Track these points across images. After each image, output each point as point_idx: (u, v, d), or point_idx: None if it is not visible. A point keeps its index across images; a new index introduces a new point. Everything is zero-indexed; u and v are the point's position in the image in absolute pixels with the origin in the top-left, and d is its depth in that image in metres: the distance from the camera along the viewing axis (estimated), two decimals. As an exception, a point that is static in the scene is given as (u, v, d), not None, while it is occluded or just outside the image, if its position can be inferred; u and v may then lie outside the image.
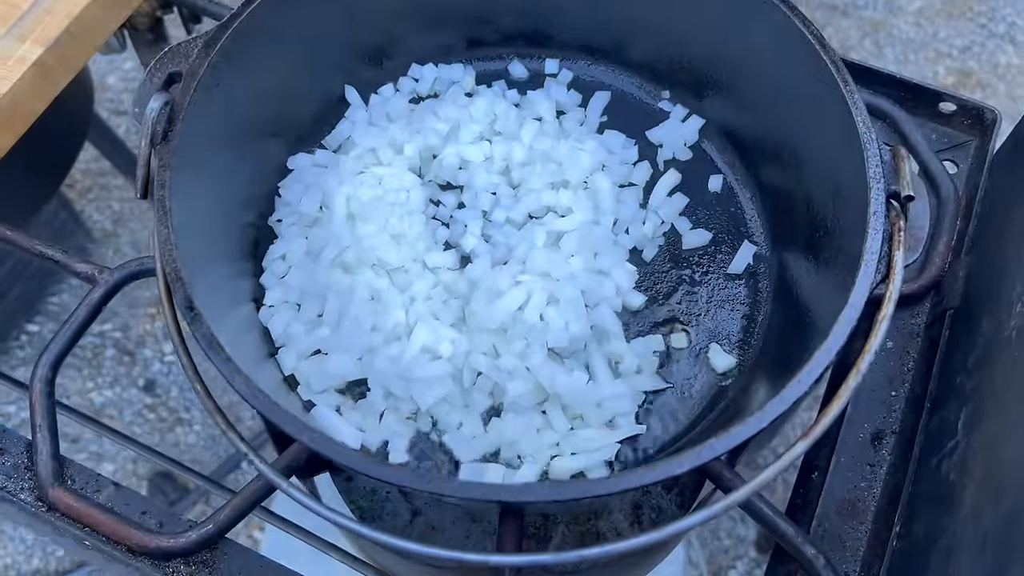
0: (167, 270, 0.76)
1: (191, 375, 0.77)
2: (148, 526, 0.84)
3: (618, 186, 1.02)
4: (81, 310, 0.92)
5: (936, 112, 1.08)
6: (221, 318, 0.83)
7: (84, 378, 2.34)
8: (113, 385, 2.34)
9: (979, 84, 2.85)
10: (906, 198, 0.79)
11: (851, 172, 0.81)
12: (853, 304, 0.73)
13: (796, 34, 0.87)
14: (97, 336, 2.39)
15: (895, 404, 0.92)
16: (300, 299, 0.92)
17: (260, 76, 0.92)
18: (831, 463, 0.88)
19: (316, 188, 0.97)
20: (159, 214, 0.77)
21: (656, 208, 1.02)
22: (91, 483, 0.87)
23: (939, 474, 0.78)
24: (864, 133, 0.81)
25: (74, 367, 2.35)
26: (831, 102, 0.84)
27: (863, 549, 0.85)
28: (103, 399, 2.33)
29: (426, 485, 0.66)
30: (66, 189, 2.49)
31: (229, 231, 0.92)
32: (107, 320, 2.38)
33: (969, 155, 1.06)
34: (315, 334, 0.90)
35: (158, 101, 0.80)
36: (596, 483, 0.67)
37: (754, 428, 0.69)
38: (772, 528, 0.80)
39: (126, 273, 0.93)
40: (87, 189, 2.56)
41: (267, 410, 0.69)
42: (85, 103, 1.36)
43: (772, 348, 0.92)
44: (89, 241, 2.46)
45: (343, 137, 1.04)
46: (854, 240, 0.79)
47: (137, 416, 2.28)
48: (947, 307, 0.93)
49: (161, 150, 0.80)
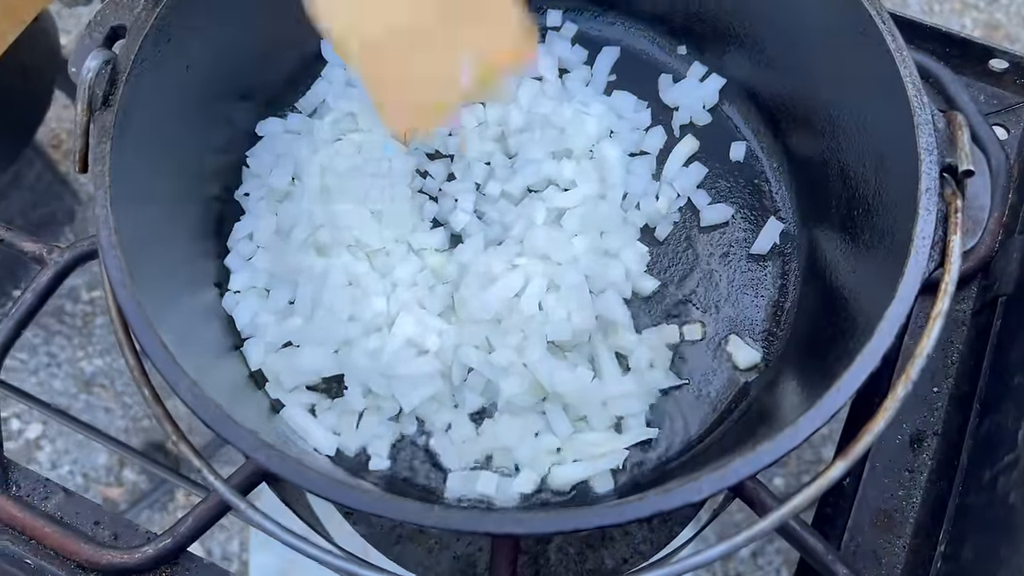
0: (106, 255, 0.67)
1: (137, 376, 0.69)
2: (101, 539, 0.79)
3: (628, 155, 0.95)
4: (28, 295, 0.86)
5: (985, 70, 0.99)
6: (175, 305, 0.76)
7: (74, 347, 2.27)
8: (104, 354, 2.27)
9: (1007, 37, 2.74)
10: (964, 173, 0.70)
11: (898, 141, 0.73)
12: (902, 298, 0.65)
13: (834, -22, 0.77)
14: (87, 303, 2.32)
15: (937, 402, 0.85)
16: (269, 284, 0.86)
17: (220, 30, 0.83)
18: (864, 468, 0.82)
19: (287, 158, 0.90)
20: (97, 192, 0.68)
21: (671, 180, 0.94)
22: (39, 490, 0.82)
23: (994, 491, 0.70)
24: (915, 96, 0.72)
25: (64, 335, 2.28)
26: (875, 59, 0.76)
27: (900, 567, 0.78)
28: (93, 368, 2.26)
29: (403, 514, 0.58)
30: (51, 150, 2.40)
31: (188, 207, 0.85)
32: (96, 287, 2.31)
33: (1022, 119, 0.98)
34: (286, 324, 0.84)
35: (96, 60, 0.70)
36: (598, 512, 0.59)
37: (786, 447, 0.60)
38: (799, 544, 0.74)
39: (78, 253, 0.87)
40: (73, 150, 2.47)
41: (217, 424, 0.60)
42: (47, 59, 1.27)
43: (802, 341, 0.84)
44: (76, 203, 2.38)
45: (319, 100, 0.96)
46: (901, 221, 0.71)
47: (129, 386, 2.22)
48: (999, 293, 0.85)
49: (100, 118, 0.70)
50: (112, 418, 2.11)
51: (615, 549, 0.92)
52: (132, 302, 0.65)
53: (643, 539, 0.93)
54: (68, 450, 2.08)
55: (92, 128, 0.71)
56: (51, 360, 2.19)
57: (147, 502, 1.93)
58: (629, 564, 0.91)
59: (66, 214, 2.29)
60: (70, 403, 2.19)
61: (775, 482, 1.84)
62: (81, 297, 2.21)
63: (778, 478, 1.84)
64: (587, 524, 0.58)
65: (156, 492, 1.93)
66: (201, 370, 0.68)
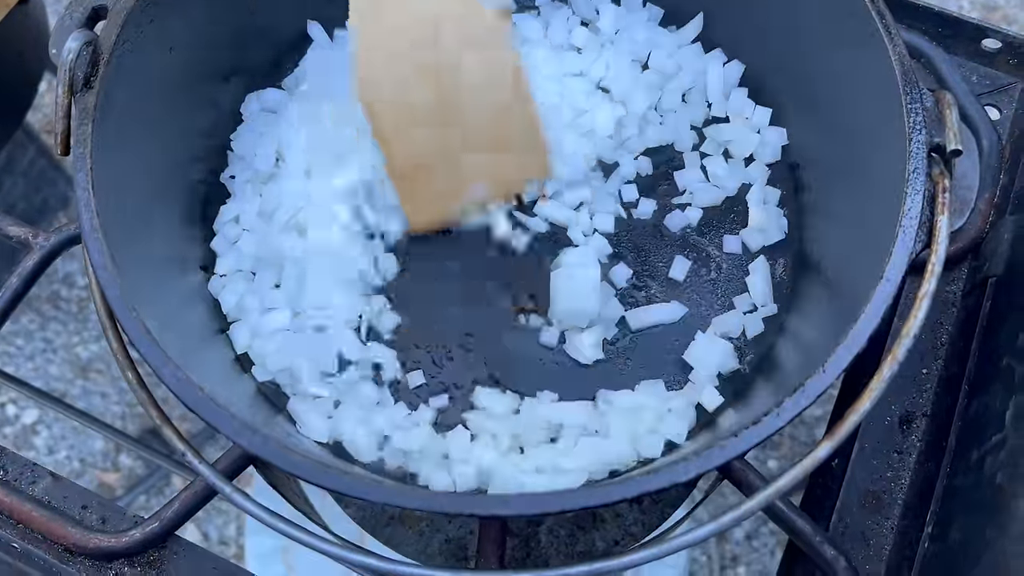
0: (88, 238, 0.66)
1: (121, 361, 0.68)
2: (88, 523, 0.78)
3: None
4: (13, 279, 0.85)
5: (978, 50, 0.98)
6: (160, 289, 0.75)
7: (70, 332, 2.27)
8: (100, 339, 2.27)
9: (1005, 19, 2.71)
10: (952, 153, 0.68)
11: (886, 120, 0.71)
12: (889, 279, 0.64)
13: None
14: (83, 289, 2.31)
15: (926, 383, 0.84)
16: (255, 267, 0.84)
17: (203, 10, 0.81)
18: (853, 449, 0.81)
19: (270, 137, 0.87)
20: (78, 174, 0.67)
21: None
22: (26, 474, 0.81)
23: (981, 472, 0.69)
24: (901, 75, 0.70)
25: (59, 320, 2.27)
26: (864, 38, 0.74)
27: (888, 548, 0.78)
28: (89, 353, 2.25)
29: (388, 497, 0.57)
30: (45, 136, 2.38)
31: (173, 189, 0.84)
32: (92, 272, 2.30)
33: (1014, 99, 0.97)
34: (271, 313, 0.82)
35: (76, 41, 0.69)
36: (584, 493, 0.58)
37: (770, 428, 0.59)
38: (787, 525, 0.74)
39: (64, 237, 0.86)
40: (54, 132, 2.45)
41: (200, 407, 0.59)
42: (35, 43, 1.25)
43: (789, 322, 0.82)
44: (71, 190, 2.37)
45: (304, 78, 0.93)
46: (889, 200, 0.69)
47: (125, 371, 2.21)
48: (988, 274, 0.84)
49: (81, 99, 0.69)
50: (108, 403, 2.11)
51: (606, 531, 0.92)
52: (114, 286, 0.64)
53: (634, 520, 0.92)
54: (65, 435, 2.07)
55: (73, 110, 0.70)
56: (47, 346, 2.18)
57: (143, 487, 1.92)
58: (620, 545, 0.90)
59: (59, 200, 2.28)
60: (67, 388, 2.19)
61: (769, 464, 1.84)
62: (77, 282, 2.20)
63: (772, 460, 1.84)
64: (573, 505, 0.57)
65: (152, 477, 1.93)
66: (186, 353, 0.67)
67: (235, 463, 0.71)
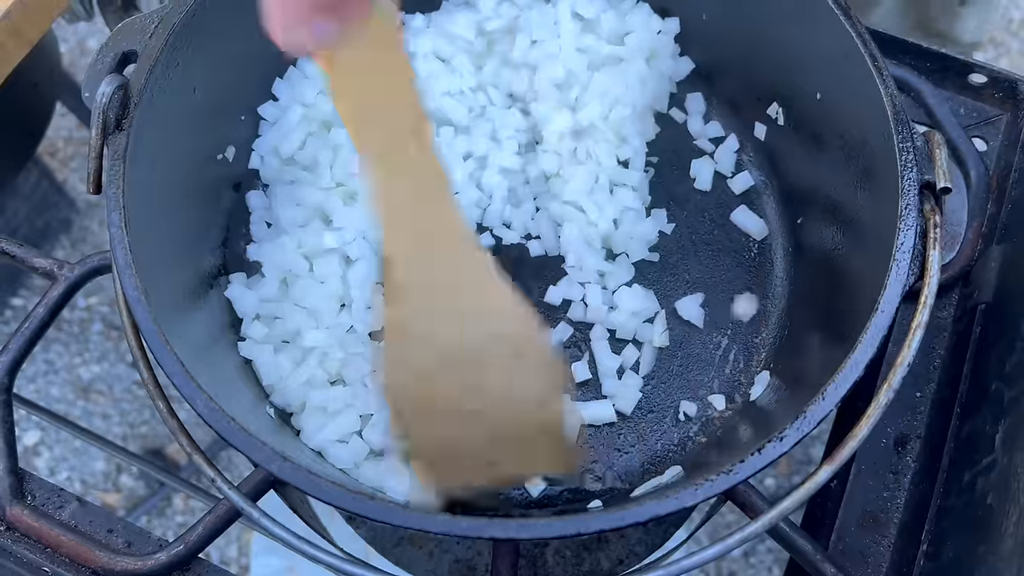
0: (122, 274, 0.69)
1: (152, 391, 0.71)
2: (115, 546, 0.80)
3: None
4: (39, 310, 0.87)
5: (964, 84, 1.00)
6: (192, 317, 0.77)
7: (71, 353, 2.27)
8: (101, 360, 2.27)
9: (992, 42, 2.75)
10: (942, 190, 0.71)
11: (880, 159, 0.75)
12: (884, 311, 0.67)
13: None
14: (84, 310, 2.32)
15: (920, 406, 0.86)
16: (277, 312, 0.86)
17: (224, 50, 0.84)
18: (851, 471, 0.83)
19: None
20: (112, 214, 0.70)
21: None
22: (53, 499, 0.83)
23: (973, 492, 0.72)
24: (893, 116, 0.73)
25: (61, 342, 2.28)
26: (857, 79, 0.77)
27: (886, 566, 0.80)
28: (91, 374, 2.26)
29: (410, 522, 0.60)
30: (48, 158, 2.40)
31: (206, 217, 0.86)
32: (93, 293, 2.31)
33: (1000, 131, 0.99)
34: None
35: (110, 85, 0.72)
36: (599, 517, 0.61)
37: (774, 454, 0.62)
38: (788, 544, 0.75)
39: (88, 268, 0.88)
40: (69, 157, 2.46)
41: (233, 437, 0.62)
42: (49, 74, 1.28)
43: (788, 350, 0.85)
44: (73, 212, 2.37)
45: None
46: (884, 235, 0.72)
47: (127, 392, 2.22)
48: (978, 301, 0.86)
49: (114, 140, 0.72)
50: (109, 424, 2.12)
51: (611, 551, 0.94)
52: (149, 320, 0.66)
53: (638, 540, 0.94)
54: (66, 457, 2.08)
55: (106, 151, 0.73)
56: (48, 367, 2.19)
57: (145, 507, 1.93)
58: (624, 565, 0.92)
59: (61, 223, 2.29)
60: (68, 410, 2.20)
61: (767, 482, 1.86)
62: (78, 304, 2.21)
63: (769, 479, 1.87)
64: (588, 528, 0.60)
65: (154, 497, 1.94)
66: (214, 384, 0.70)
67: (258, 486, 0.73)
